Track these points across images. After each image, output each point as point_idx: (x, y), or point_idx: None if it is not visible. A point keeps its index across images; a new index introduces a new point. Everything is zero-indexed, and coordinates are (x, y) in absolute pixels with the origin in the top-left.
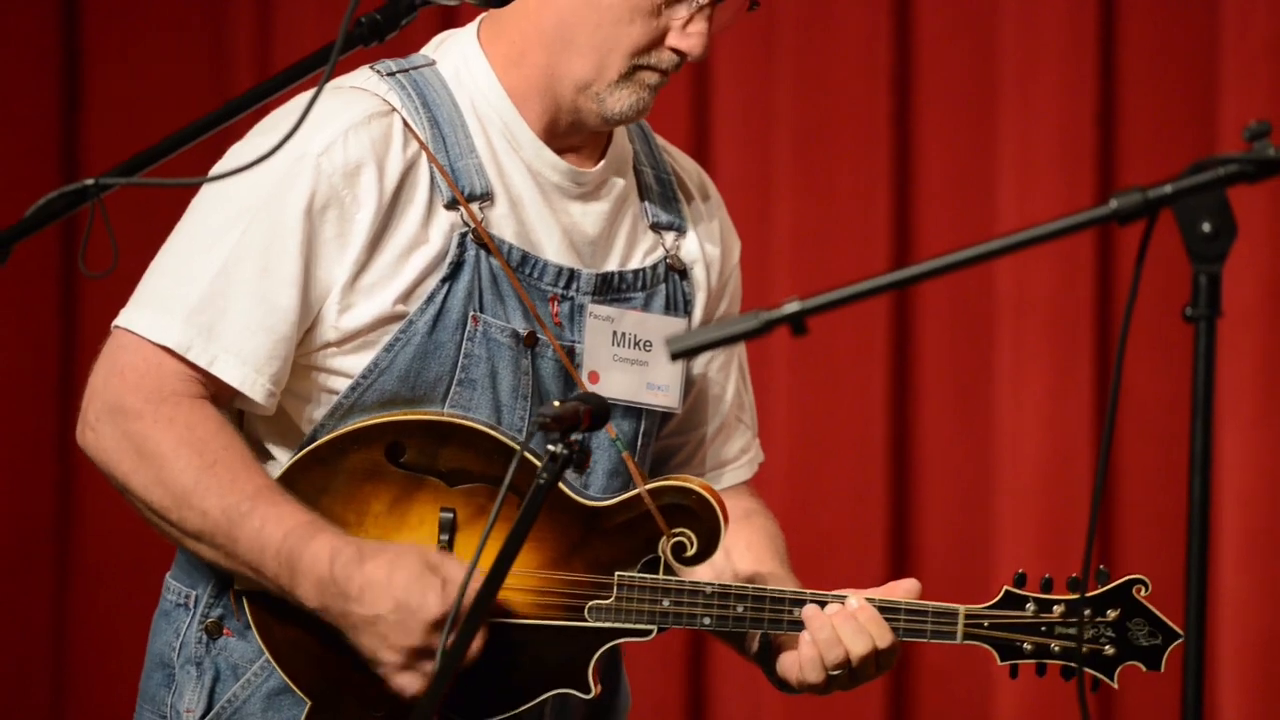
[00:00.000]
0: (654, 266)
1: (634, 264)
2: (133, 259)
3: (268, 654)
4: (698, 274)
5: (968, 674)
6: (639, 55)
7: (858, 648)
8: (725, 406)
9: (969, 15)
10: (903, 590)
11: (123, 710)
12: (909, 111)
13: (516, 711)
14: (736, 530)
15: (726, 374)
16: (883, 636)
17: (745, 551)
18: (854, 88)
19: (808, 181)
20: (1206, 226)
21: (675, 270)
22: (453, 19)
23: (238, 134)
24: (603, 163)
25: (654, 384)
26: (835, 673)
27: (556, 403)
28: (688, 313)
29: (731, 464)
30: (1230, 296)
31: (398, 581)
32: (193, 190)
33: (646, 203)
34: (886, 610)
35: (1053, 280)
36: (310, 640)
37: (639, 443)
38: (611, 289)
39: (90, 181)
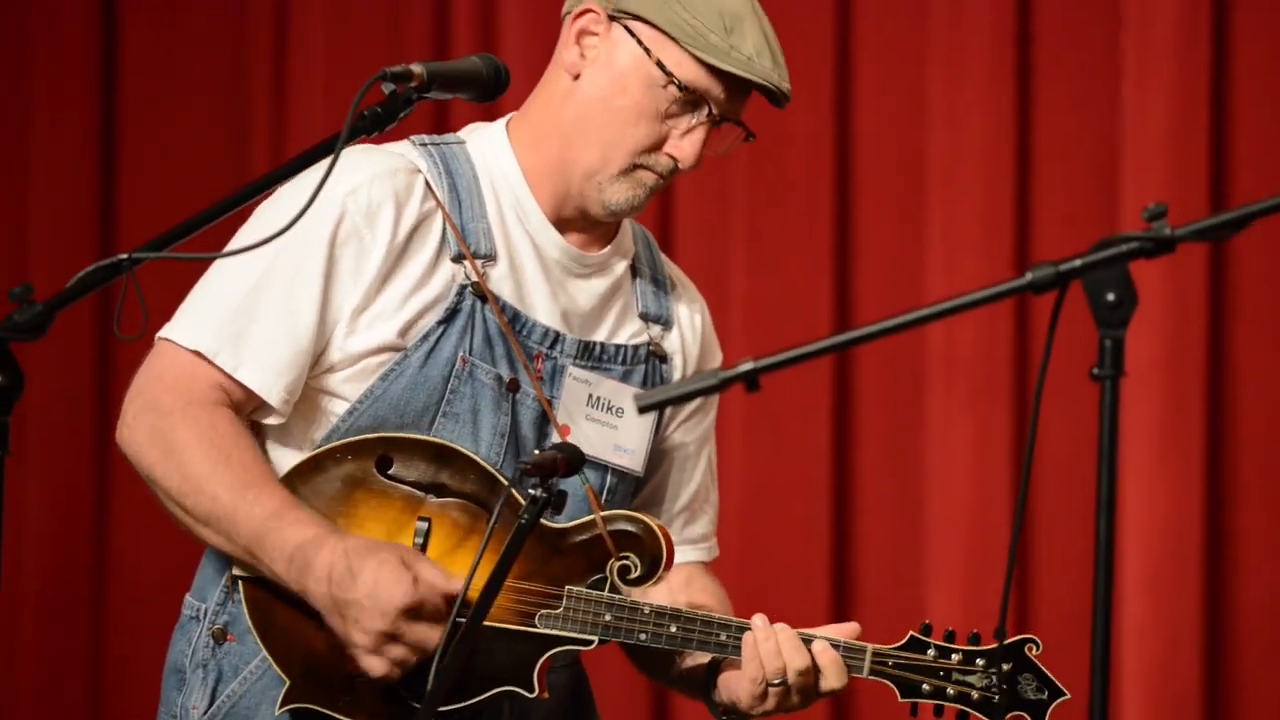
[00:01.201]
0: (636, 347)
1: (618, 340)
2: (162, 322)
3: (256, 635)
4: (676, 364)
5: None
6: (640, 155)
7: (796, 662)
8: (693, 490)
9: (902, 113)
10: (841, 631)
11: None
12: (849, 198)
13: (467, 704)
14: (689, 585)
15: (696, 461)
16: (831, 671)
17: (692, 597)
18: (800, 180)
19: (759, 259)
20: (1111, 296)
21: (656, 355)
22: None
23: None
24: (605, 250)
25: (620, 446)
26: (775, 684)
27: (537, 451)
28: (657, 384)
29: (694, 544)
30: (1131, 358)
31: (374, 571)
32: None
33: (639, 294)
34: (805, 640)
35: (976, 343)
36: (295, 626)
37: (603, 495)
38: (593, 356)
39: (124, 256)
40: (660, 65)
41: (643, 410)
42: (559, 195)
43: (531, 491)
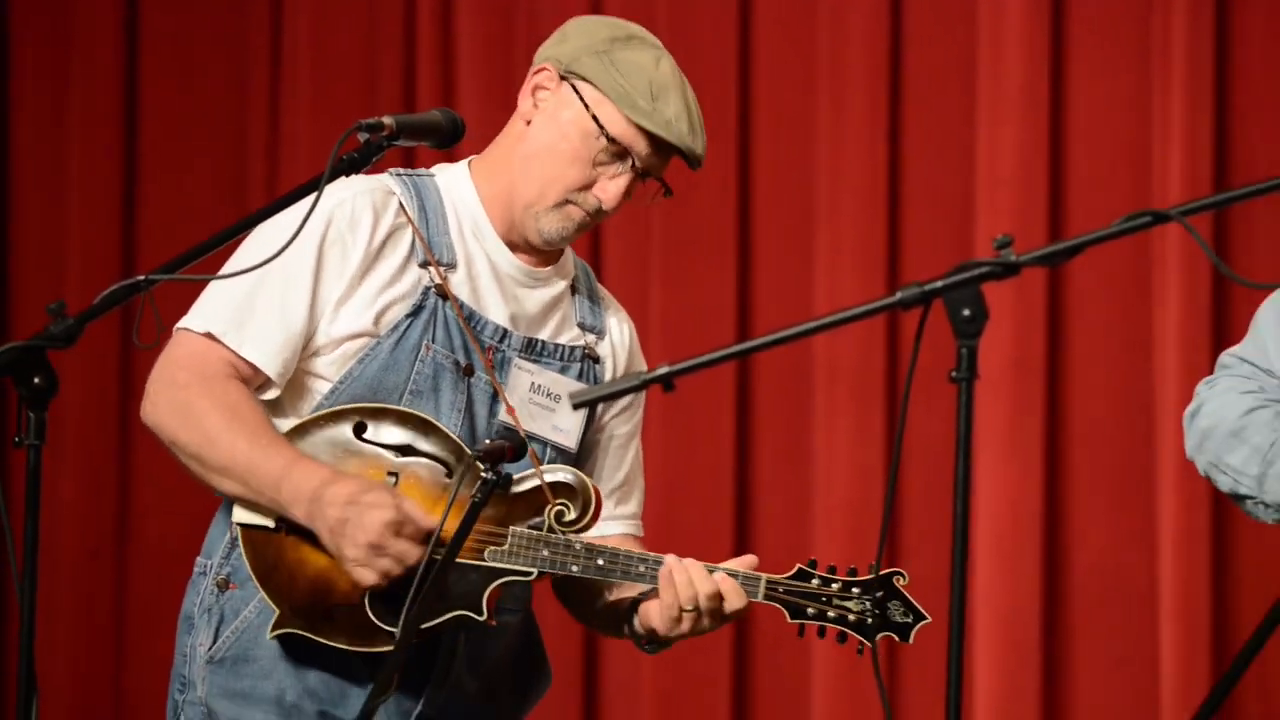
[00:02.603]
0: (573, 348)
1: (559, 341)
2: (167, 332)
3: (251, 575)
4: (607, 366)
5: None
6: (571, 193)
7: (705, 588)
8: (623, 474)
9: (793, 158)
10: (740, 563)
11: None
12: (749, 229)
13: (426, 625)
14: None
15: (626, 451)
16: (732, 595)
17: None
18: (708, 214)
19: (674, 281)
20: (967, 312)
21: (590, 356)
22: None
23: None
24: (549, 268)
25: (557, 426)
26: (688, 610)
27: (488, 440)
28: (591, 383)
29: (625, 520)
30: (984, 364)
31: (362, 495)
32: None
33: (577, 308)
34: (710, 570)
35: (855, 351)
36: (285, 567)
37: (546, 462)
38: (535, 351)
39: (142, 277)
40: (595, 119)
41: (577, 406)
42: (508, 221)
43: (483, 475)
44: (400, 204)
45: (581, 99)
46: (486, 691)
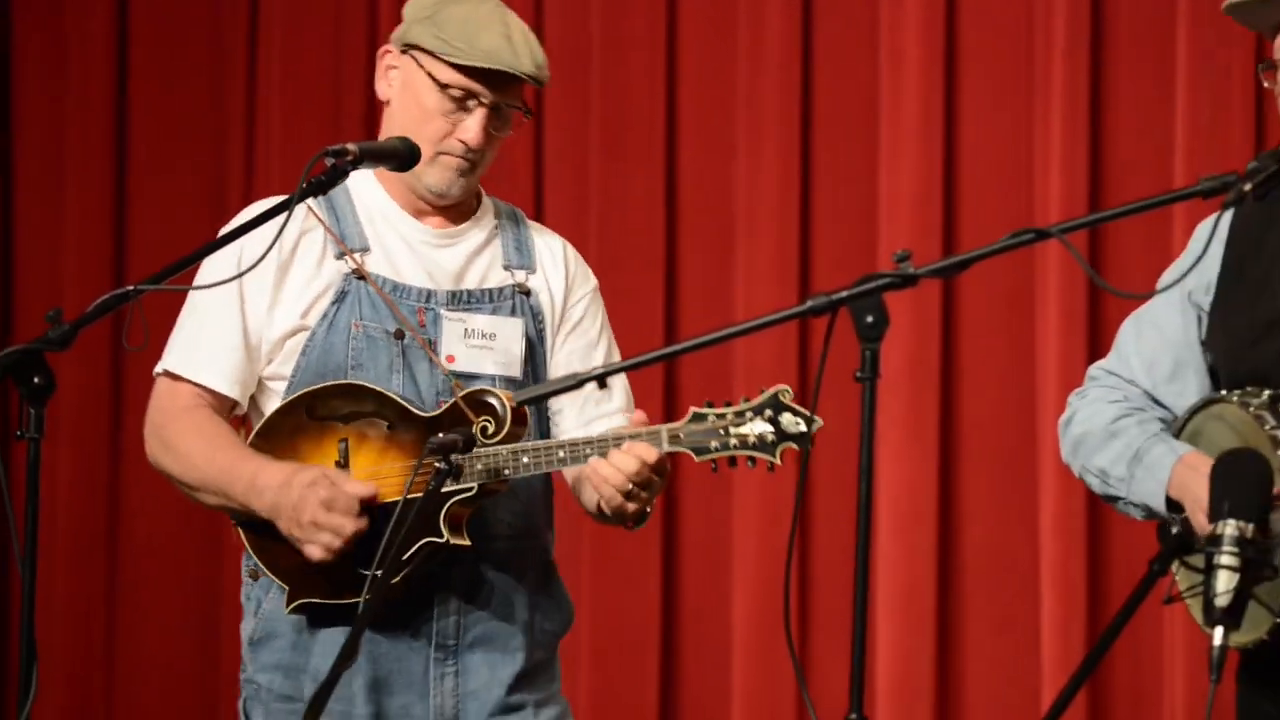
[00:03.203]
0: (502, 289)
1: (486, 286)
2: (159, 335)
3: (258, 562)
4: (543, 299)
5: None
6: (438, 144)
7: (617, 457)
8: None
9: (715, 179)
10: (635, 421)
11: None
12: (675, 243)
13: (401, 559)
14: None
15: (589, 356)
16: (646, 451)
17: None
18: (639, 230)
19: (607, 289)
20: (870, 318)
21: (520, 291)
22: None
23: None
24: (464, 225)
25: (501, 361)
26: (614, 479)
27: (441, 434)
28: (531, 319)
29: (613, 414)
30: (885, 365)
31: (299, 480)
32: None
33: (503, 250)
34: (617, 444)
35: (770, 353)
36: (282, 549)
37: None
38: (462, 302)
39: (130, 288)
40: (430, 75)
41: (520, 404)
42: (406, 193)
43: (436, 465)
44: (310, 210)
45: (417, 63)
46: (505, 617)
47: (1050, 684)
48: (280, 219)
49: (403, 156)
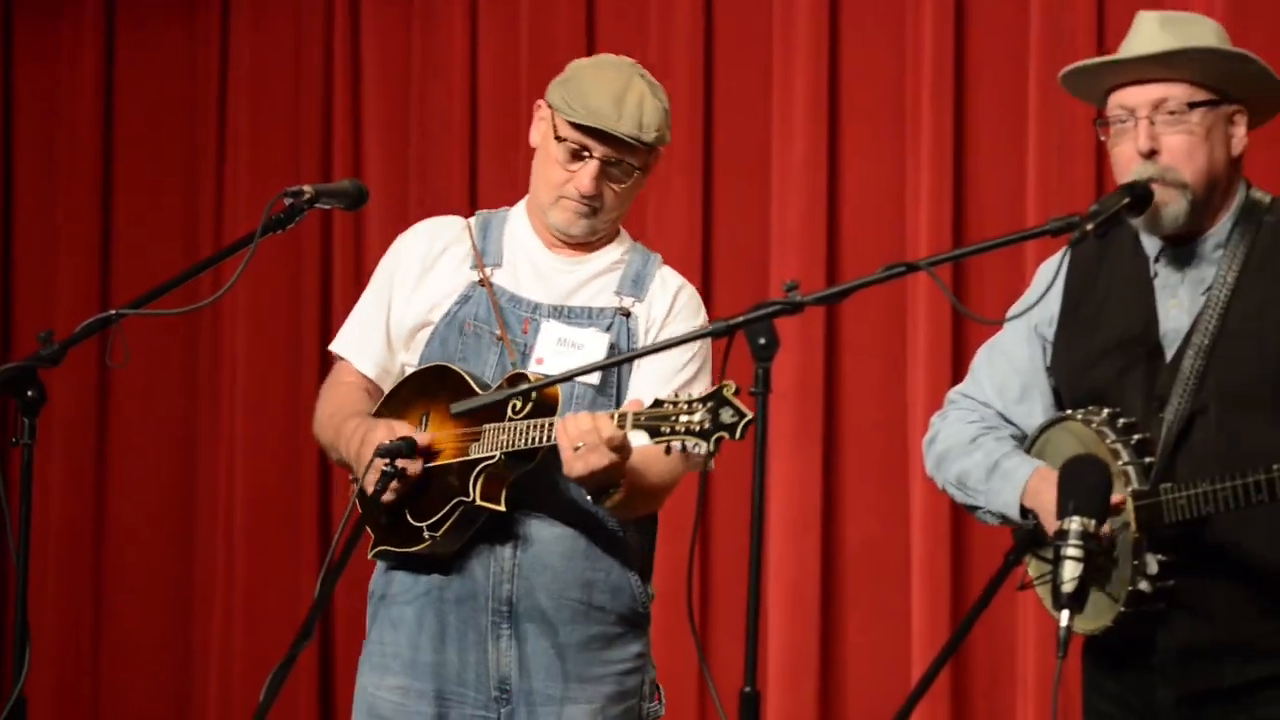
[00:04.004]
0: (603, 308)
1: (592, 305)
2: (139, 353)
3: (361, 513)
4: (640, 323)
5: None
6: (559, 189)
7: (581, 423)
8: (651, 392)
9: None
10: (622, 409)
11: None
12: None
13: (436, 517)
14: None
15: (666, 382)
16: (601, 420)
17: (643, 458)
18: None
19: None
20: (762, 340)
21: (621, 313)
22: None
23: (202, 284)
24: (587, 255)
25: (578, 365)
26: (577, 447)
27: (386, 440)
28: (626, 336)
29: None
30: (776, 381)
31: (367, 434)
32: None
33: (621, 281)
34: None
35: None
36: (368, 505)
37: (572, 401)
38: (563, 315)
39: (113, 311)
40: (554, 128)
41: (455, 415)
42: (544, 229)
43: (385, 469)
44: (469, 228)
45: (550, 117)
46: (559, 592)
47: (919, 662)
48: (245, 245)
49: (353, 196)
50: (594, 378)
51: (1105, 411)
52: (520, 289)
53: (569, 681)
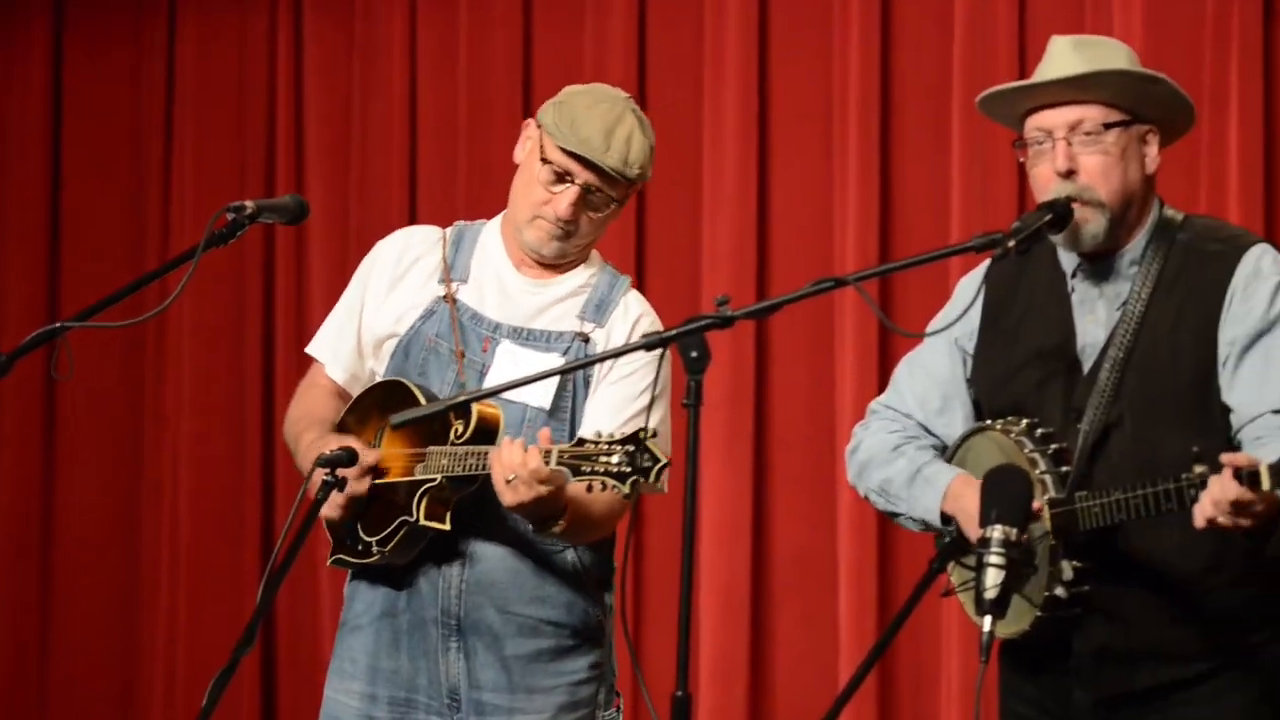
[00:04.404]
0: (563, 333)
1: (551, 329)
2: (84, 365)
3: (324, 523)
4: (598, 349)
5: None
6: (536, 209)
7: (512, 457)
8: (616, 423)
9: None
10: (543, 436)
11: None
12: None
13: (383, 534)
14: None
15: (620, 410)
16: (532, 455)
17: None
18: None
19: None
20: (694, 354)
21: (580, 337)
22: None
23: (148, 297)
24: (554, 278)
25: (532, 390)
26: (508, 479)
27: (327, 450)
28: (580, 357)
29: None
30: (708, 393)
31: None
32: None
33: (584, 306)
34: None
35: None
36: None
37: (523, 422)
38: (522, 337)
39: (59, 324)
40: (541, 148)
41: (394, 426)
42: (515, 247)
43: (324, 478)
44: (444, 240)
45: (538, 137)
46: (506, 606)
47: (846, 665)
48: (187, 259)
49: (294, 211)
50: (546, 401)
51: (1024, 422)
52: (483, 307)
53: (516, 693)
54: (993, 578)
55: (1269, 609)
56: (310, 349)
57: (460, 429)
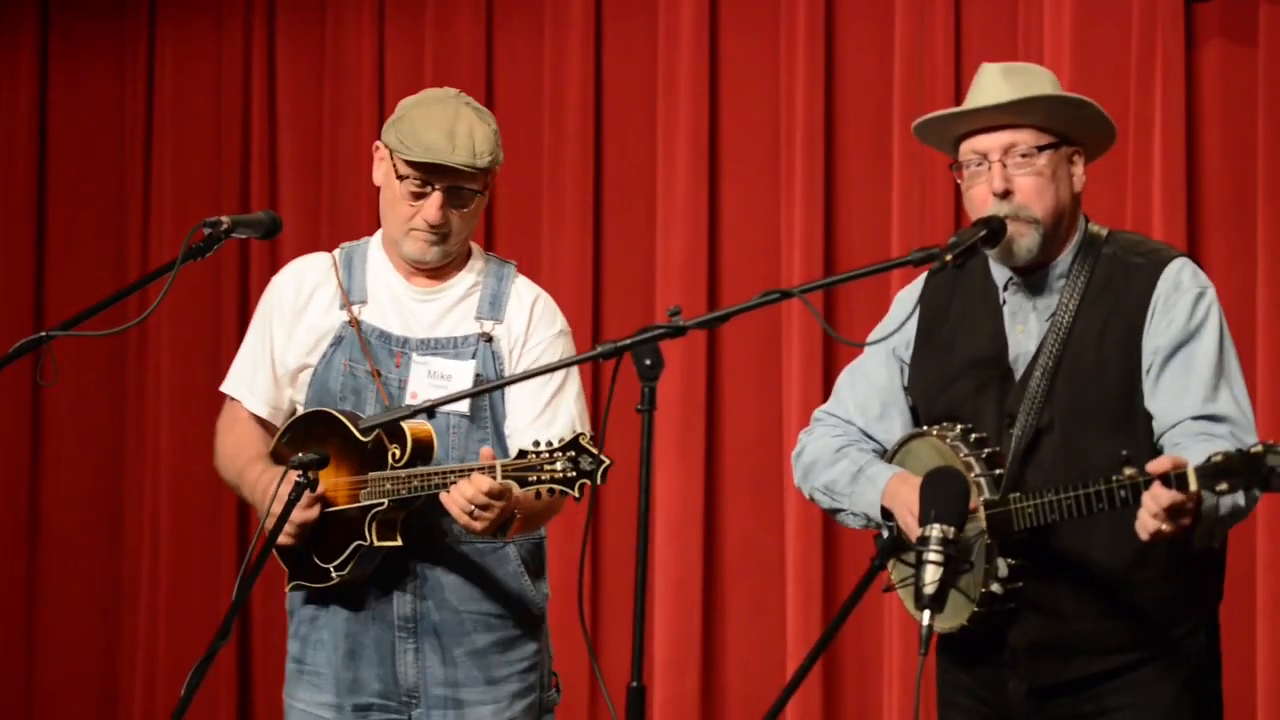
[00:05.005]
0: (467, 336)
1: (455, 334)
2: (70, 374)
3: (276, 551)
4: (503, 344)
5: None
6: (407, 222)
7: (465, 490)
8: (535, 410)
9: (524, 250)
10: (484, 454)
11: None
12: None
13: (339, 559)
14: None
15: (537, 396)
16: (481, 482)
17: None
18: None
19: None
20: (648, 361)
21: (484, 338)
22: None
23: (129, 307)
24: (443, 284)
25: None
26: (465, 509)
27: (300, 454)
28: (492, 361)
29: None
30: (661, 399)
31: (266, 484)
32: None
33: (478, 305)
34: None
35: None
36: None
37: (449, 430)
38: (430, 348)
39: (44, 333)
40: (394, 168)
41: (364, 431)
42: (399, 260)
43: (298, 480)
44: (335, 266)
45: (388, 158)
46: (457, 605)
47: (794, 656)
48: (163, 273)
49: (267, 226)
50: (464, 406)
51: (959, 427)
52: (387, 324)
53: (473, 686)
54: (931, 574)
55: (1192, 602)
56: (226, 388)
57: (397, 453)
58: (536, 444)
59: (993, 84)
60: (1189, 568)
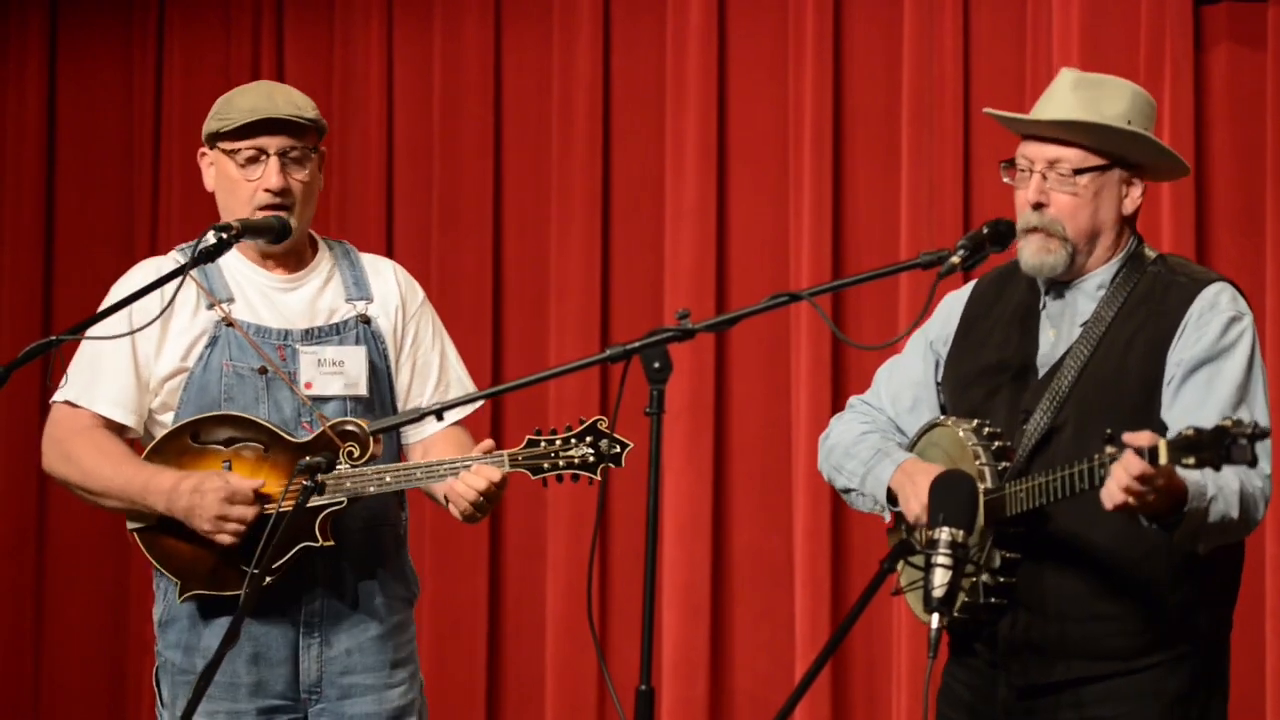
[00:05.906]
0: (346, 320)
1: (332, 321)
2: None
3: (152, 561)
4: (382, 323)
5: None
6: (251, 200)
7: (472, 480)
8: (433, 380)
9: (533, 256)
10: (481, 449)
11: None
12: (501, 306)
13: (281, 562)
14: (446, 440)
15: (429, 366)
16: (492, 473)
17: (447, 449)
18: (469, 291)
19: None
20: (657, 364)
21: (362, 320)
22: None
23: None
24: (302, 271)
25: (348, 383)
26: (469, 497)
27: (309, 457)
28: (374, 342)
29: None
30: (670, 402)
31: (201, 483)
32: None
33: (343, 286)
34: (466, 466)
35: (578, 391)
36: (172, 547)
37: (354, 410)
38: (313, 337)
39: (53, 338)
40: (222, 151)
41: (373, 433)
42: (249, 247)
43: (305, 483)
44: (185, 266)
45: (215, 149)
46: (363, 592)
47: (802, 659)
48: (175, 276)
49: (276, 231)
50: (359, 389)
51: (974, 420)
52: (260, 319)
53: (382, 670)
54: (940, 577)
55: (1186, 621)
56: (71, 397)
57: (356, 450)
58: (539, 432)
59: (1061, 95)
60: (1186, 584)
